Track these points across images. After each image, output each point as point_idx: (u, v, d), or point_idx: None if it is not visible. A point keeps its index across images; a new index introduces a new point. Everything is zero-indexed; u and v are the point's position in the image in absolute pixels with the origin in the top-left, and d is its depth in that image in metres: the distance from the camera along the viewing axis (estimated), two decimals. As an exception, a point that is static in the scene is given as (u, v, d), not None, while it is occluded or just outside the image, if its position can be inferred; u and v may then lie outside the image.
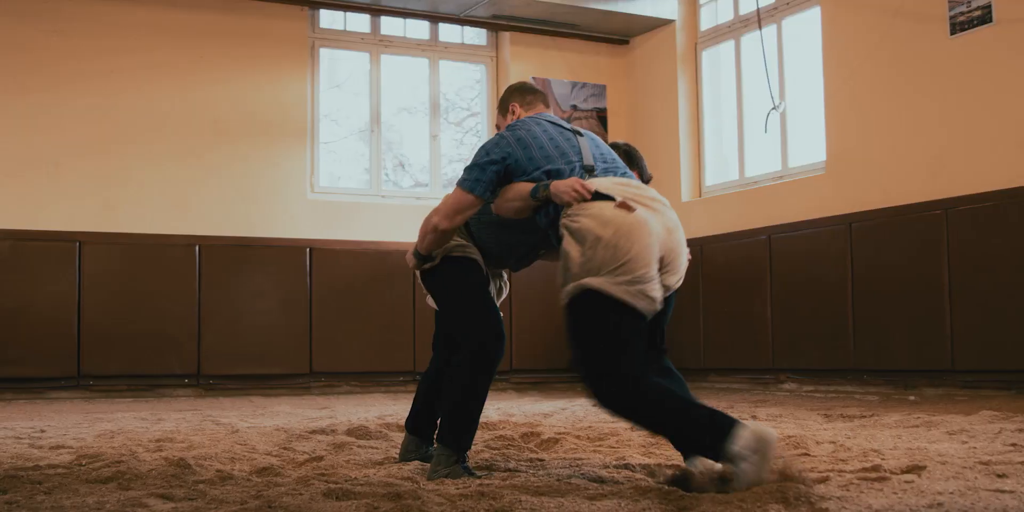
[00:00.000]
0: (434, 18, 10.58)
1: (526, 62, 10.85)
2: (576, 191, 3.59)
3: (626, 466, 4.12)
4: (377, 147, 10.48)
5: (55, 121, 9.16)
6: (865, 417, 6.23)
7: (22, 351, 8.77)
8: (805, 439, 4.79)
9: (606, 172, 3.80)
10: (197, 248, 9.36)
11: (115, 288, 9.12)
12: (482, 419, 6.20)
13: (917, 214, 7.96)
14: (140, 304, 9.16)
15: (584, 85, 11.06)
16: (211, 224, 9.49)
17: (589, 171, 3.77)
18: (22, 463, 4.12)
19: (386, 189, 10.56)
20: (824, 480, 3.46)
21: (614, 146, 4.52)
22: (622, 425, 5.81)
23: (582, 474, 3.85)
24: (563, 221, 3.65)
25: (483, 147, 3.91)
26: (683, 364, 9.95)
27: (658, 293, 3.66)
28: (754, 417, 6.41)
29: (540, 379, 10.44)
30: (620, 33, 11.04)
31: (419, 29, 10.77)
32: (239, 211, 9.64)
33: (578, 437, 5.24)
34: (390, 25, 10.61)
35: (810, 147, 9.30)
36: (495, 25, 10.76)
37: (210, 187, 9.56)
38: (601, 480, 3.57)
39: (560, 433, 5.33)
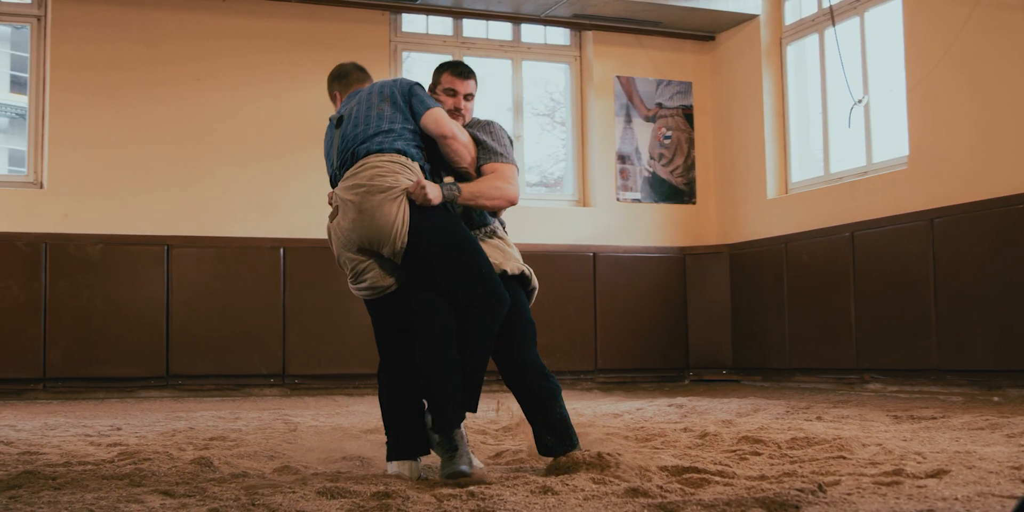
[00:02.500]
0: (516, 19, 10.60)
1: (610, 61, 10.81)
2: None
3: (663, 469, 4.08)
4: (461, 148, 10.53)
5: (145, 128, 9.42)
6: (935, 419, 6.07)
7: (113, 351, 9.05)
8: (851, 442, 4.69)
9: (343, 168, 4.10)
10: (282, 250, 9.53)
11: (202, 290, 9.34)
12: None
13: (1000, 209, 7.72)
14: (227, 305, 9.36)
15: (669, 83, 10.97)
16: (296, 227, 9.65)
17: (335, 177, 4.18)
18: (56, 459, 4.26)
19: (470, 190, 10.59)
20: (835, 484, 3.40)
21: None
22: (670, 426, 5.77)
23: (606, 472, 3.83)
24: None
25: None
26: (768, 364, 9.87)
27: (380, 281, 4.04)
28: (819, 419, 6.29)
29: (626, 379, 10.40)
30: (705, 29, 10.92)
31: (501, 30, 10.80)
32: (323, 214, 9.74)
33: (625, 438, 5.22)
34: (472, 27, 10.67)
35: (893, 141, 9.09)
36: (577, 24, 10.74)
37: (295, 190, 9.72)
38: (609, 482, 3.54)
39: (610, 433, 5.31)
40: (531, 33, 10.88)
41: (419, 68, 11.18)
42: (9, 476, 3.60)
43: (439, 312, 3.91)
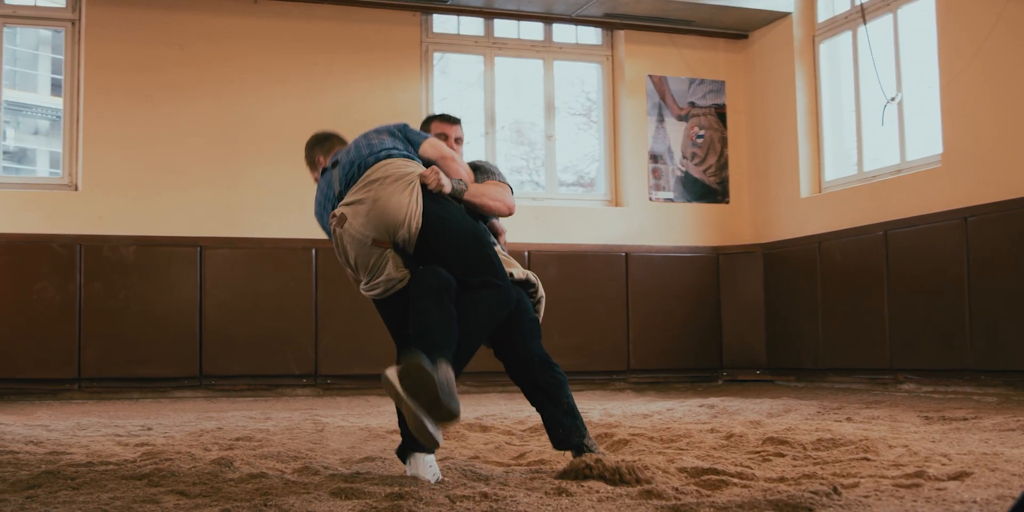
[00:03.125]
0: (547, 19, 10.59)
1: (641, 60, 10.78)
2: None
3: (682, 470, 4.06)
4: (492, 149, 10.55)
5: (178, 130, 9.49)
6: (966, 420, 6.01)
7: (147, 352, 9.12)
8: (877, 443, 4.64)
9: (349, 185, 4.08)
10: (314, 251, 9.57)
11: (235, 290, 9.40)
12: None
13: (1035, 207, 7.64)
14: (259, 306, 9.41)
15: (702, 81, 10.93)
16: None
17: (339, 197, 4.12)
18: (80, 459, 4.29)
19: (501, 190, 10.60)
20: (854, 486, 3.37)
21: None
22: (697, 427, 5.74)
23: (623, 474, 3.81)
24: None
25: None
26: (802, 364, 9.80)
27: (396, 272, 3.96)
28: (849, 420, 6.24)
29: (659, 379, 10.37)
30: (737, 28, 10.87)
31: (533, 30, 10.80)
32: (355, 214, 9.79)
33: (651, 439, 5.20)
34: (503, 27, 10.67)
35: (927, 139, 9.01)
36: (609, 24, 10.72)
37: (326, 191, 9.73)
38: (624, 483, 3.53)
39: (635, 434, 5.30)
40: (562, 33, 10.87)
41: (451, 69, 11.20)
42: (30, 476, 3.63)
43: (438, 272, 3.90)
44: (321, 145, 4.76)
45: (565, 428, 4.06)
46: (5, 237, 8.93)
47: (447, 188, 4.02)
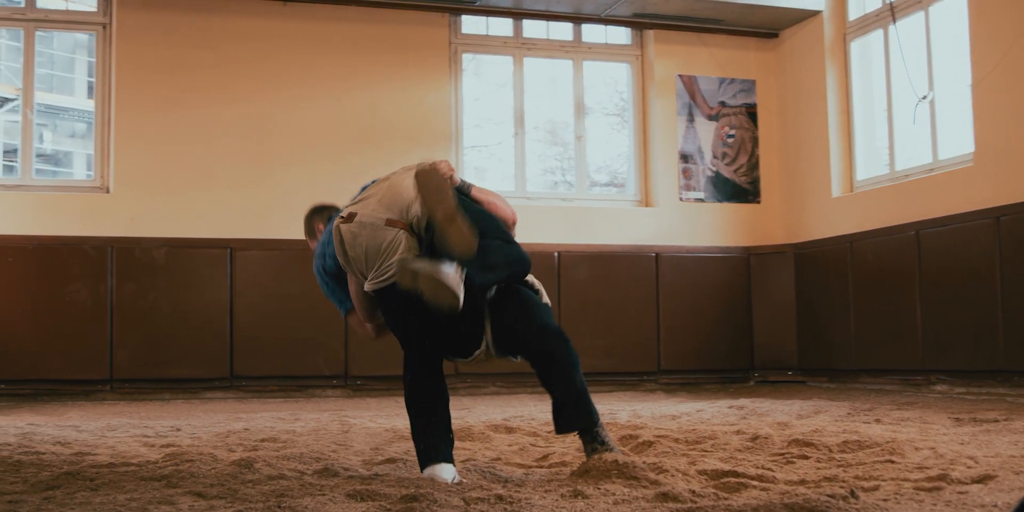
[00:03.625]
0: (576, 19, 10.57)
1: (671, 59, 10.74)
2: None
3: (702, 473, 4.04)
4: (521, 150, 10.54)
5: (209, 134, 9.55)
6: (997, 422, 5.94)
7: (178, 353, 9.18)
8: (903, 445, 4.60)
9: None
10: (344, 252, 9.57)
11: (265, 292, 9.44)
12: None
13: (1069, 206, 7.55)
14: (289, 307, 9.44)
15: (732, 81, 10.87)
16: (358, 229, 9.69)
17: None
18: (104, 460, 4.32)
19: (530, 191, 10.61)
20: (874, 489, 3.34)
21: None
22: (724, 428, 5.71)
23: (642, 477, 3.79)
24: None
25: None
26: (834, 365, 9.74)
27: (412, 249, 3.89)
28: (878, 421, 6.19)
29: (690, 380, 10.32)
30: (768, 26, 10.80)
31: (562, 30, 10.78)
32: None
33: (676, 440, 5.17)
34: (532, 28, 10.66)
35: (960, 138, 8.92)
36: (638, 24, 10.69)
37: (356, 192, 9.75)
38: (641, 486, 3.50)
39: (660, 436, 5.27)
40: (592, 33, 10.84)
41: (482, 70, 11.20)
42: (51, 477, 3.66)
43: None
44: (319, 214, 4.85)
45: (576, 408, 3.89)
46: (38, 239, 9.01)
47: (456, 180, 4.09)
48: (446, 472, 3.74)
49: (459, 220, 3.66)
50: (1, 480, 3.63)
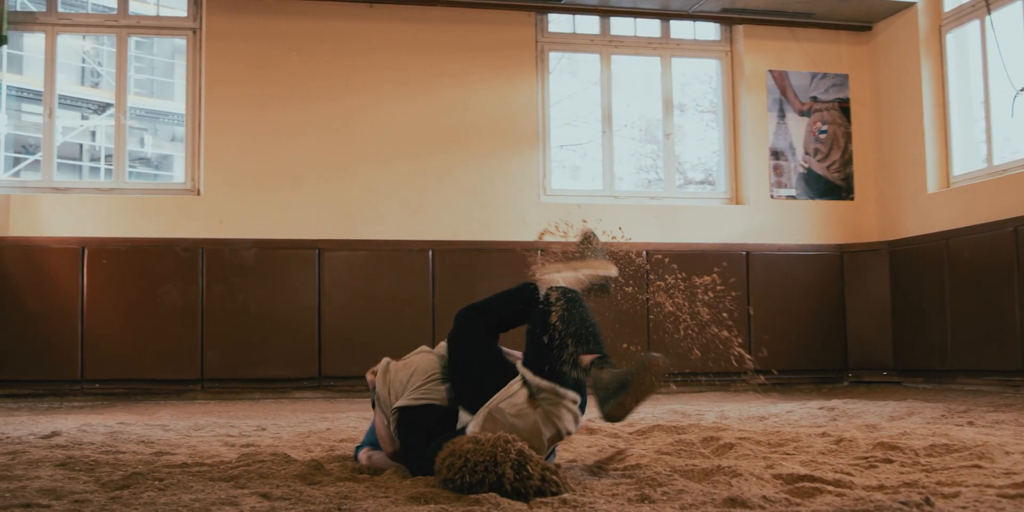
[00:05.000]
0: (664, 15, 10.45)
1: (761, 55, 10.57)
2: None
3: (778, 477, 3.94)
4: (609, 148, 10.45)
5: (297, 135, 9.64)
6: (1098, 424, 5.73)
7: (268, 353, 9.27)
8: (994, 449, 4.44)
9: None
10: (431, 252, 9.61)
11: (353, 292, 9.49)
12: (673, 423, 6.12)
13: None
14: (377, 307, 9.49)
15: (824, 75, 10.66)
16: (445, 229, 9.72)
17: None
18: (180, 460, 4.35)
19: (619, 190, 10.52)
20: (954, 496, 3.22)
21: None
22: (809, 430, 5.58)
23: (715, 481, 3.71)
24: None
25: None
26: (930, 365, 9.49)
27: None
28: (971, 424, 6.00)
29: (782, 380, 10.14)
30: (860, 19, 10.57)
31: (649, 27, 10.67)
32: (472, 216, 9.84)
33: (757, 443, 5.07)
34: (620, 25, 10.56)
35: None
36: (727, 19, 10.53)
37: (444, 193, 9.80)
38: (709, 491, 3.42)
39: (741, 438, 5.17)
40: (680, 29, 10.72)
41: (572, 68, 11.13)
42: (122, 477, 3.69)
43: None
44: None
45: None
46: (131, 241, 9.17)
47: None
48: None
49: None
50: (74, 479, 3.67)
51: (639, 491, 3.28)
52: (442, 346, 4.31)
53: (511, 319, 4.28)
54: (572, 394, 3.86)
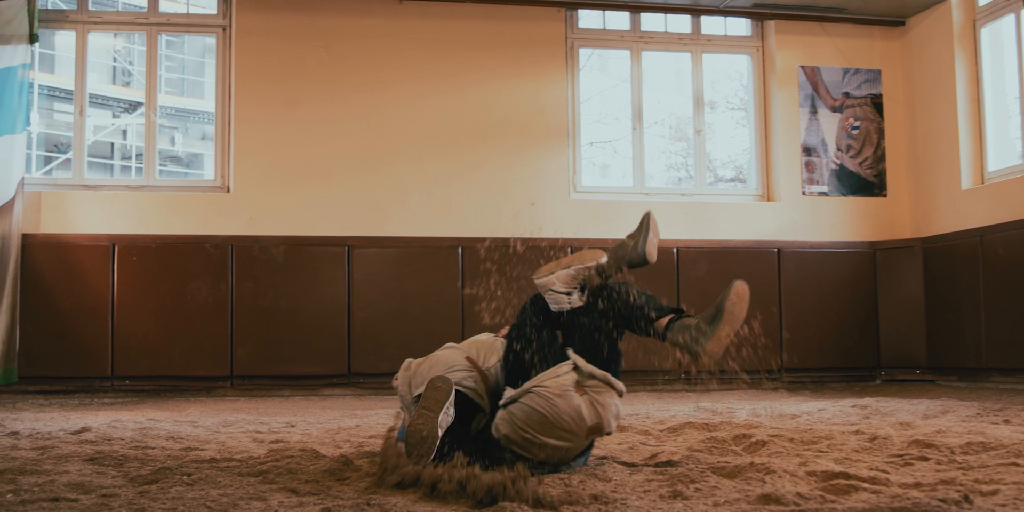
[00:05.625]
0: (695, 11, 10.38)
1: (793, 50, 10.48)
2: None
3: (812, 474, 3.88)
4: (640, 145, 10.39)
5: (326, 133, 9.63)
6: None
7: (297, 350, 9.27)
8: (1031, 447, 4.38)
9: None
10: (460, 249, 9.58)
11: (383, 289, 9.47)
12: (704, 420, 6.06)
13: None
14: (406, 304, 9.47)
15: (857, 71, 10.56)
16: (473, 225, 9.69)
17: None
18: (209, 455, 4.33)
19: (650, 187, 10.46)
20: (992, 494, 3.15)
21: None
22: (842, 428, 5.51)
23: (748, 477, 3.66)
24: None
25: None
26: (964, 363, 9.39)
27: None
28: (1007, 422, 5.91)
29: (814, 378, 10.06)
30: (893, 14, 10.47)
31: (680, 23, 10.60)
32: (502, 213, 9.81)
33: (791, 440, 5.00)
34: (650, 21, 10.50)
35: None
36: (758, 14, 10.45)
37: (473, 190, 9.77)
38: (743, 488, 3.37)
39: (774, 436, 5.11)
40: (711, 25, 10.65)
41: (601, 65, 11.08)
42: (151, 471, 3.67)
43: None
44: None
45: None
46: (162, 238, 9.19)
47: None
48: None
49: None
50: (103, 474, 3.65)
51: (672, 488, 3.24)
52: (469, 341, 4.29)
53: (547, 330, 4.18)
54: (621, 386, 3.88)
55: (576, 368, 3.81)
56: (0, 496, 3.13)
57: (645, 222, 4.24)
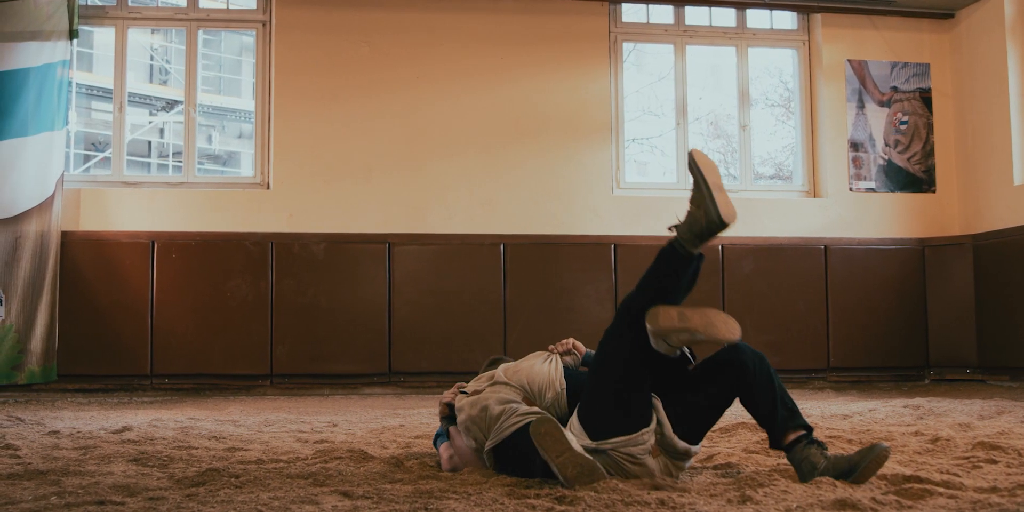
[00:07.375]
0: (740, 4, 10.21)
1: (840, 44, 10.29)
2: None
3: (881, 477, 3.73)
4: (683, 141, 10.24)
5: (367, 129, 9.53)
6: None
7: (338, 348, 9.17)
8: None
9: None
10: (502, 246, 9.46)
11: (423, 287, 9.36)
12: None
13: None
14: (447, 302, 9.36)
15: (905, 65, 10.37)
16: (516, 223, 9.57)
17: None
18: (254, 456, 4.23)
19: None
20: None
21: None
22: (900, 429, 5.35)
23: (818, 481, 3.51)
24: None
25: None
26: (1017, 363, 9.20)
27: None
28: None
29: (861, 377, 9.87)
30: (943, 6, 10.26)
31: (725, 16, 10.43)
32: (544, 210, 9.68)
33: (849, 441, 4.87)
34: (695, 14, 10.34)
35: None
36: (805, 7, 10.27)
37: (515, 187, 9.65)
38: (815, 492, 3.23)
39: (832, 437, 4.98)
40: (756, 18, 10.47)
41: (639, 62, 10.93)
42: (198, 473, 3.57)
43: None
44: (494, 365, 4.69)
45: (788, 409, 3.69)
46: (202, 235, 9.12)
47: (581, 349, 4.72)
48: None
49: None
50: (148, 476, 3.55)
51: (739, 491, 3.10)
52: (522, 370, 4.09)
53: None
54: (697, 450, 3.64)
55: (662, 433, 3.54)
56: (44, 499, 3.03)
57: (697, 173, 3.65)
